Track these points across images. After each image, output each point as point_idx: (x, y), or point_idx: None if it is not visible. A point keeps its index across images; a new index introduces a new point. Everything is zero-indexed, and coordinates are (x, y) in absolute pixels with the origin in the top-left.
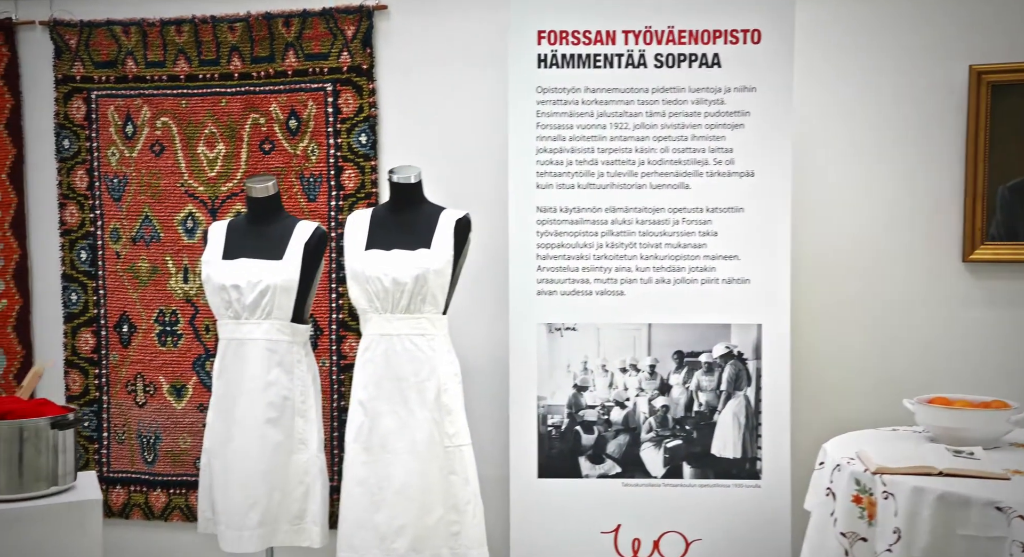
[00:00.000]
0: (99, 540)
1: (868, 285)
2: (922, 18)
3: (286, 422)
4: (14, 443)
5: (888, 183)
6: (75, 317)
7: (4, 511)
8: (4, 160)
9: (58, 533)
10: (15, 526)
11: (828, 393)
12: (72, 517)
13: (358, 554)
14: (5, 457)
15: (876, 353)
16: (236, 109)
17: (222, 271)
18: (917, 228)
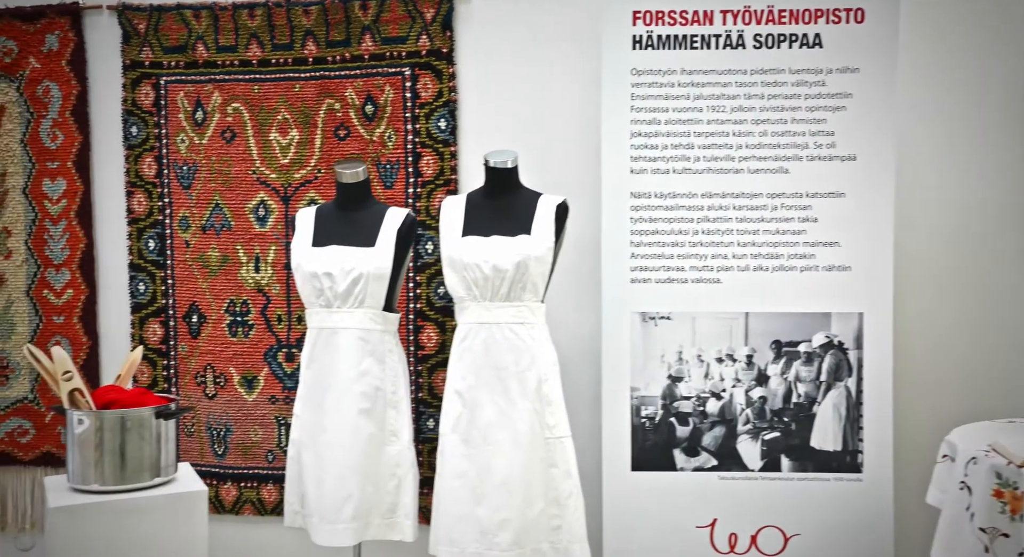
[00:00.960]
0: (205, 532)
1: (973, 273)
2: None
3: (378, 413)
4: (118, 433)
5: (995, 171)
6: (143, 307)
7: (110, 503)
8: (70, 148)
9: (165, 525)
10: (122, 518)
11: (931, 384)
12: (179, 509)
13: (458, 548)
14: (110, 447)
15: (981, 343)
16: (310, 94)
17: (313, 258)
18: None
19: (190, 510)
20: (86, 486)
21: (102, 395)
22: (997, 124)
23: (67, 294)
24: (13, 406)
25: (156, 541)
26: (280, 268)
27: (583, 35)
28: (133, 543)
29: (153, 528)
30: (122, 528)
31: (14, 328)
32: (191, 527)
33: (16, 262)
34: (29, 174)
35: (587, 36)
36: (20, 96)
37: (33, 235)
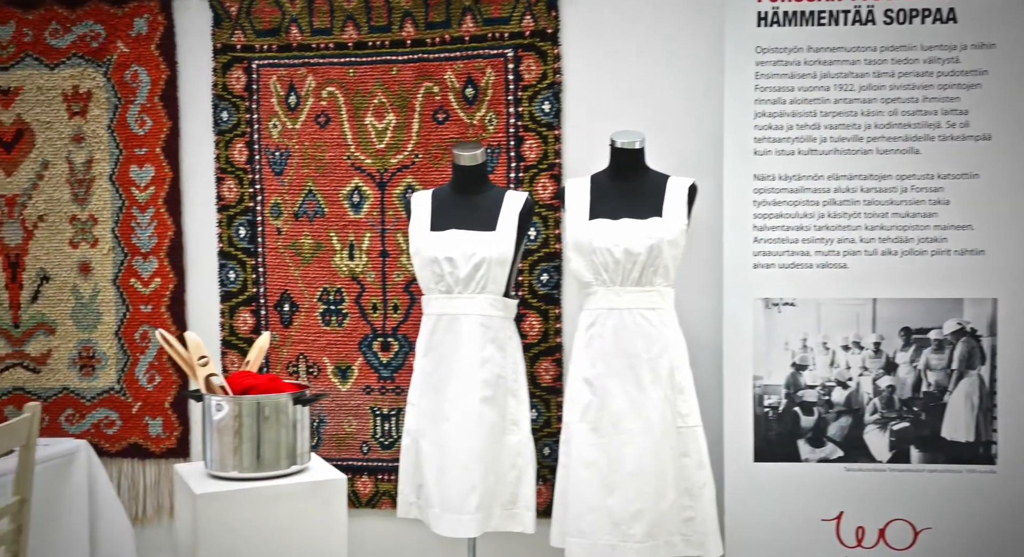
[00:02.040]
0: (344, 519)
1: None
2: None
3: (499, 401)
4: (256, 419)
5: None
6: (233, 296)
7: (256, 490)
8: (159, 133)
9: (306, 512)
10: (265, 505)
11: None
12: (320, 496)
13: (589, 540)
14: (248, 434)
15: None
16: (408, 78)
17: (432, 243)
18: None
19: (330, 498)
20: (224, 473)
21: (237, 381)
22: None
23: (155, 283)
24: (100, 397)
25: (297, 528)
26: (375, 256)
27: (702, 12)
28: (276, 530)
29: (294, 515)
30: (265, 515)
31: (100, 318)
32: (331, 514)
33: (102, 250)
34: (116, 161)
35: (706, 13)
36: (107, 81)
37: (120, 223)
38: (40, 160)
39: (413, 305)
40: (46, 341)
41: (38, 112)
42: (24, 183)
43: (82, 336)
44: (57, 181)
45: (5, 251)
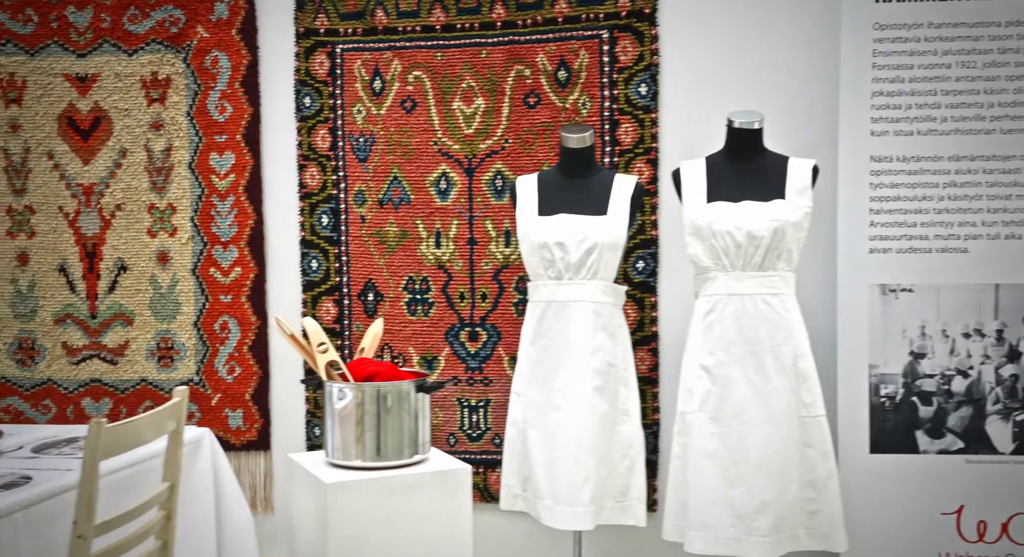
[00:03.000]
0: (469, 510)
1: None
2: None
3: (610, 390)
4: (379, 407)
5: None
6: (315, 285)
7: (376, 480)
8: (239, 120)
9: (432, 502)
10: (391, 495)
11: None
12: (446, 486)
13: (711, 533)
14: (372, 422)
15: None
16: (498, 61)
17: (542, 228)
18: None
19: (456, 488)
20: (347, 462)
21: (358, 368)
22: None
23: (235, 272)
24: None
25: (423, 518)
26: (463, 243)
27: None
28: (403, 520)
29: (420, 505)
30: (392, 505)
31: (179, 308)
32: (456, 504)
33: (181, 240)
34: (195, 148)
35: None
36: (187, 67)
37: (199, 211)
38: (118, 148)
39: (502, 294)
40: (124, 332)
41: (116, 99)
42: (102, 171)
43: (160, 327)
44: (135, 169)
45: (82, 241)
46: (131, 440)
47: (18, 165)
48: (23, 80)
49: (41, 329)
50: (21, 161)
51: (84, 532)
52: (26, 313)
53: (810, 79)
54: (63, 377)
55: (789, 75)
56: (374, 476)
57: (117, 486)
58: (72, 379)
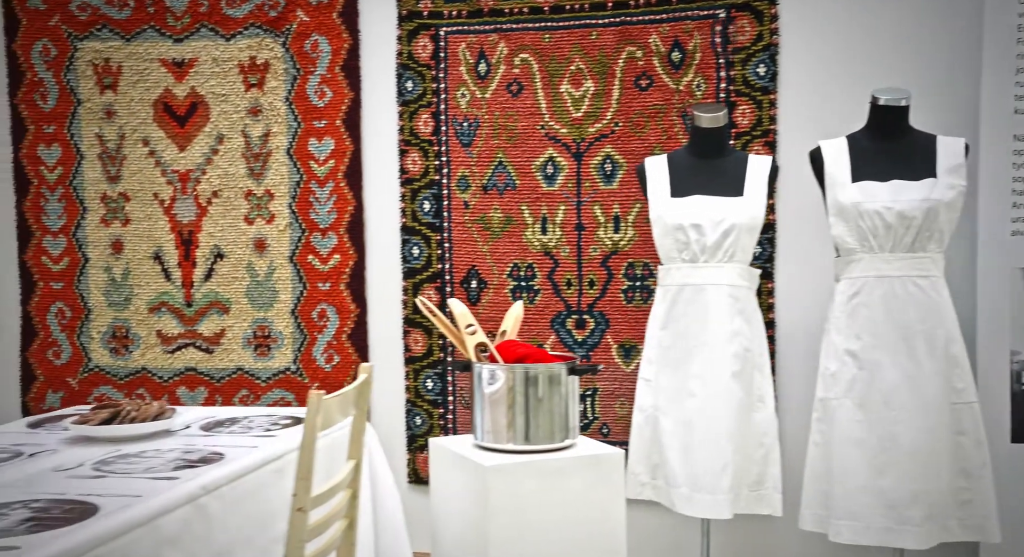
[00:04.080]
0: (622, 495)
1: None
2: None
3: (746, 376)
4: (531, 390)
5: None
6: (416, 272)
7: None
8: (339, 105)
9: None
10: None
11: None
12: (599, 471)
13: (861, 522)
14: (524, 405)
15: None
16: (608, 42)
17: (675, 210)
18: None
19: (609, 472)
20: (497, 445)
21: (508, 351)
22: None
23: (334, 259)
24: (275, 377)
25: (578, 502)
26: (570, 229)
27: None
28: (559, 504)
29: (575, 489)
30: (548, 488)
31: (277, 296)
32: (610, 489)
33: (279, 227)
34: (294, 134)
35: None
36: (286, 52)
37: (297, 198)
38: (215, 134)
39: (611, 281)
40: (220, 320)
41: (213, 84)
42: (198, 158)
43: (257, 315)
44: (232, 155)
45: (178, 228)
46: (334, 415)
47: (113, 152)
48: (119, 66)
49: (135, 317)
50: (116, 148)
51: (303, 504)
52: (120, 301)
53: (948, 57)
54: (158, 366)
55: (924, 53)
56: (531, 459)
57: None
58: (167, 368)
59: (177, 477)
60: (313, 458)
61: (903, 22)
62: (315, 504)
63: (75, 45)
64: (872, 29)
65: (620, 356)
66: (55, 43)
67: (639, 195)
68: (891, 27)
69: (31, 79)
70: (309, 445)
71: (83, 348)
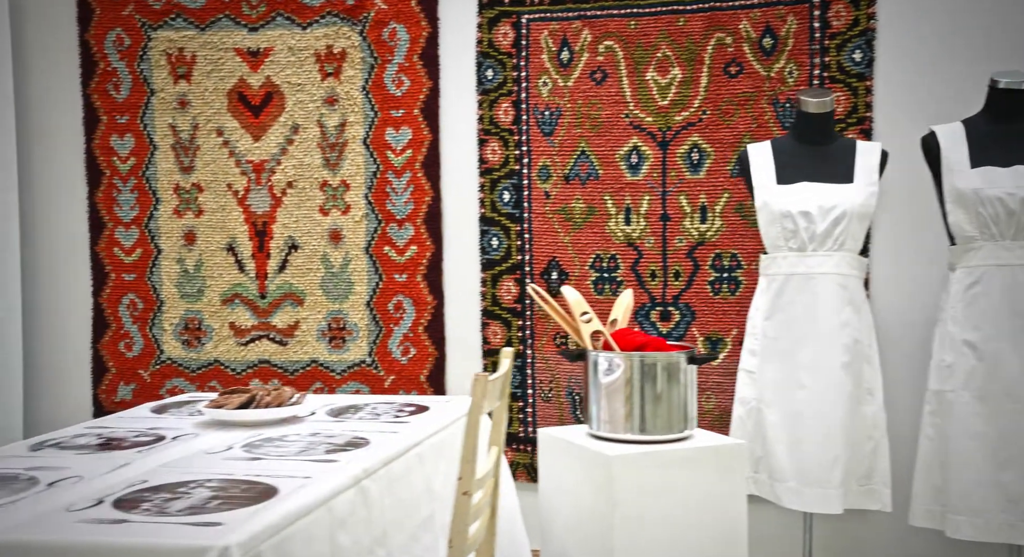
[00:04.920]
0: (744, 489)
1: None
2: None
3: (856, 368)
4: (651, 379)
5: None
6: (495, 264)
7: (658, 454)
8: (417, 94)
9: (707, 479)
10: (667, 469)
11: None
12: (721, 463)
13: (981, 518)
14: (643, 395)
15: None
16: (696, 29)
17: (783, 197)
18: None
19: (730, 464)
20: (615, 435)
21: (625, 339)
22: None
23: (410, 251)
24: (350, 370)
25: (700, 494)
26: (655, 220)
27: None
28: (680, 496)
29: (697, 481)
30: (671, 479)
31: (352, 287)
32: (731, 481)
33: (355, 217)
34: (371, 123)
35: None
36: (363, 40)
37: (374, 188)
38: (290, 124)
39: (697, 272)
40: (294, 312)
41: (289, 74)
42: (272, 148)
43: (332, 307)
44: (308, 146)
45: (252, 219)
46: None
47: (186, 142)
48: (193, 55)
49: (208, 309)
50: (189, 138)
51: (468, 487)
52: (193, 293)
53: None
54: (230, 358)
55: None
56: (652, 450)
57: (432, 451)
58: (240, 360)
59: (336, 460)
60: (477, 440)
61: (1006, 3)
62: (476, 488)
63: (149, 35)
64: (975, 14)
65: (706, 349)
66: (129, 33)
67: (727, 184)
68: (995, 9)
69: (104, 69)
70: (474, 427)
71: (155, 340)
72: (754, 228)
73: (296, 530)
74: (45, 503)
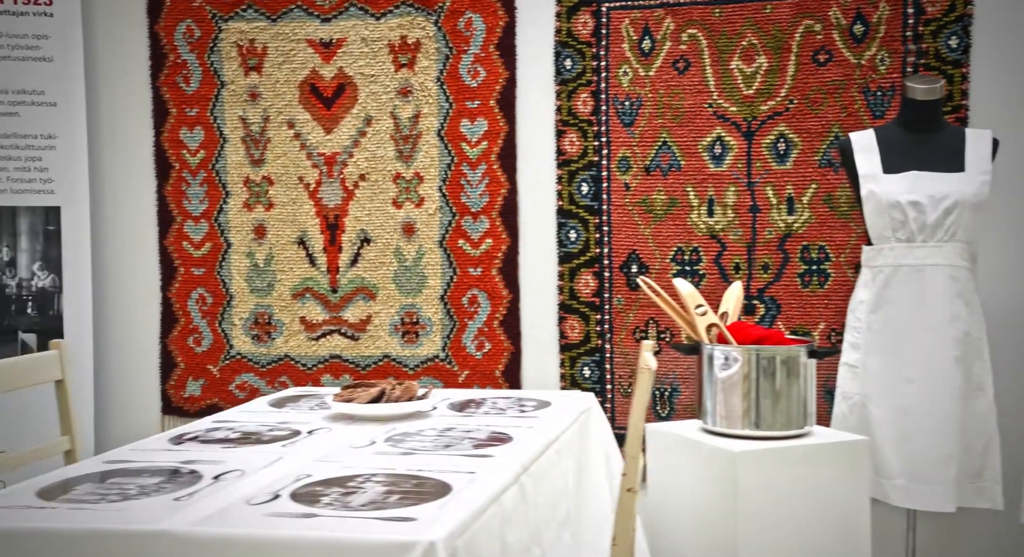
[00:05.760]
0: (867, 485)
1: None
2: None
3: (966, 362)
4: (770, 373)
5: None
6: (573, 257)
7: (781, 450)
8: (493, 85)
9: (830, 476)
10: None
11: None
12: (845, 459)
13: None
14: (762, 389)
15: None
16: (784, 16)
17: (891, 186)
18: None
19: (855, 460)
20: (731, 430)
21: (742, 332)
22: None
23: (485, 244)
24: (423, 365)
25: (821, 493)
26: (743, 211)
27: None
28: (803, 494)
29: (820, 478)
30: (794, 476)
31: (425, 281)
32: (855, 478)
33: (428, 210)
34: (445, 115)
35: None
36: (438, 30)
37: (448, 181)
38: (363, 116)
39: (786, 264)
40: (366, 307)
41: (362, 65)
42: (345, 140)
43: (405, 301)
44: (380, 138)
45: (323, 213)
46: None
47: (257, 135)
48: (263, 47)
49: (278, 304)
50: (260, 130)
51: (633, 484)
52: (263, 287)
53: None
54: (301, 353)
55: None
56: (778, 446)
57: (565, 447)
58: (311, 355)
59: (491, 455)
60: (642, 437)
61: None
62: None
63: (219, 26)
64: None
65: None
66: (199, 24)
67: (815, 175)
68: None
69: (174, 61)
70: (638, 423)
71: (225, 335)
72: (844, 219)
73: (479, 526)
74: (222, 496)
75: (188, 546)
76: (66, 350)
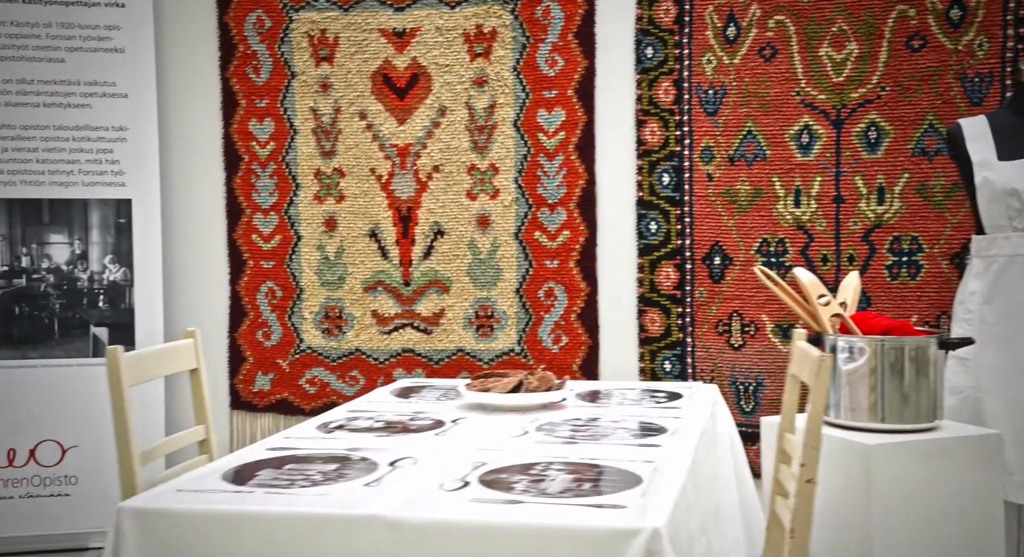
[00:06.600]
0: (1000, 483)
1: None
2: None
3: None
4: (898, 364)
5: None
6: (653, 249)
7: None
8: (571, 74)
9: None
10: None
11: None
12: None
13: None
14: (890, 381)
15: None
16: (876, 1)
17: (1006, 174)
18: None
19: (987, 456)
20: (856, 423)
21: (868, 323)
22: None
23: (562, 236)
24: (498, 359)
25: (954, 487)
26: (827, 202)
27: None
28: (935, 489)
29: (951, 473)
30: (927, 471)
31: (500, 274)
32: (988, 474)
33: (504, 202)
34: (521, 105)
35: None
36: (515, 19)
37: (524, 172)
38: (436, 106)
39: (873, 256)
40: (439, 300)
41: (436, 55)
42: (418, 131)
43: (479, 294)
44: (455, 128)
45: (396, 205)
46: None
47: (328, 126)
48: (335, 37)
49: (349, 297)
50: (331, 122)
51: (813, 475)
52: (334, 281)
53: None
54: (373, 347)
55: None
56: (911, 440)
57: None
58: (382, 349)
59: (659, 444)
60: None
61: None
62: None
63: (290, 16)
64: None
65: None
66: (269, 14)
67: (907, 164)
68: None
69: (244, 52)
70: (818, 413)
71: (294, 329)
72: (938, 209)
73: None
74: (411, 483)
75: (399, 531)
76: (199, 339)
